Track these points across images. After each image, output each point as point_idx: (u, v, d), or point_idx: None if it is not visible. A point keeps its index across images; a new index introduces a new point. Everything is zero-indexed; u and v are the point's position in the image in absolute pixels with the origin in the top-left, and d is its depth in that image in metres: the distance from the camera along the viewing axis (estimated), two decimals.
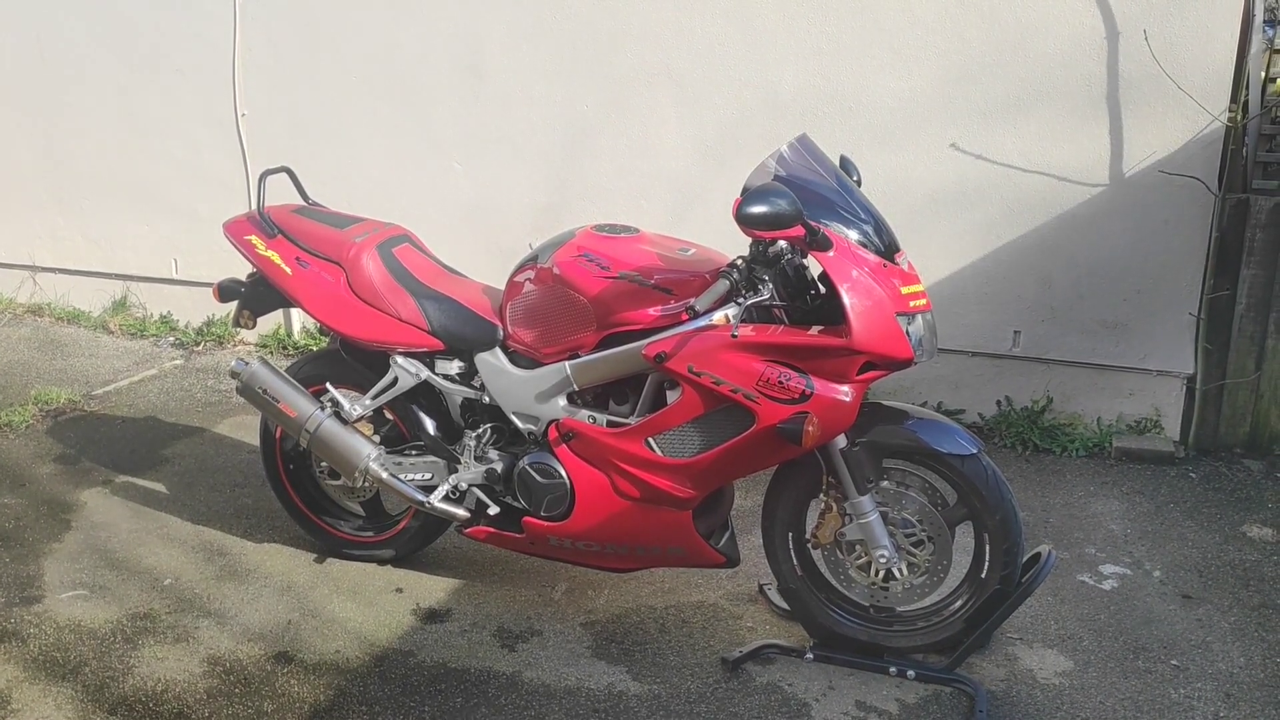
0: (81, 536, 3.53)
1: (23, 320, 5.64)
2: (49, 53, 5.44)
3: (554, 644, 2.96)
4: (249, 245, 3.18)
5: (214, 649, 2.93)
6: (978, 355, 4.31)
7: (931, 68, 4.11)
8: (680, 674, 2.83)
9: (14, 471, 3.98)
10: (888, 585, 2.81)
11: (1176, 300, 4.03)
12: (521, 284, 2.93)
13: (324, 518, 3.41)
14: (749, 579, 3.22)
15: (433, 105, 4.84)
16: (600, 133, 4.61)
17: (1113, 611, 3.11)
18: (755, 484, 3.35)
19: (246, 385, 3.20)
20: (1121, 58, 3.90)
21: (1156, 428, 4.15)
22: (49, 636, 2.98)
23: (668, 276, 2.73)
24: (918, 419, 2.77)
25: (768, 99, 4.33)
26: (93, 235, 5.61)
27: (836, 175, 2.70)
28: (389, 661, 2.89)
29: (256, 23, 5.01)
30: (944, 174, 4.18)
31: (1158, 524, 3.61)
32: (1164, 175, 3.92)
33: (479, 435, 3.05)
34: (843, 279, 2.50)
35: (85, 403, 4.64)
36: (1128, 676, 2.82)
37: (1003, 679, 2.80)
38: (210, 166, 5.24)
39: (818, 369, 2.56)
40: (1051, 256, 4.14)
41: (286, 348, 5.18)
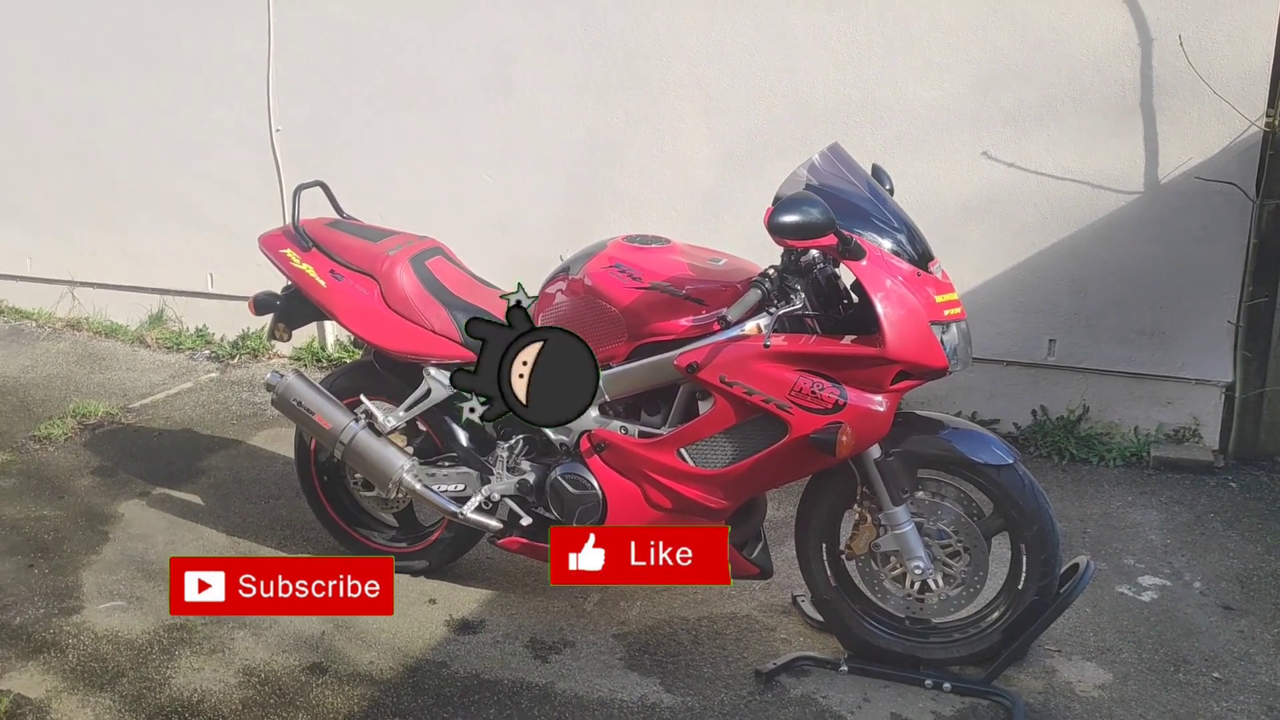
0: (119, 548, 3.56)
1: (62, 334, 5.72)
2: (88, 72, 5.52)
3: (587, 655, 2.96)
4: (284, 258, 3.21)
5: (249, 660, 2.95)
6: (1012, 364, 4.27)
7: (963, 75, 4.09)
8: (714, 686, 2.82)
9: (53, 483, 4.03)
10: (923, 597, 2.78)
11: (1214, 307, 3.98)
12: (553, 295, 2.94)
13: (358, 529, 3.42)
14: (782, 590, 3.20)
15: (463, 119, 4.87)
16: (629, 144, 4.62)
17: (1152, 623, 3.06)
18: (788, 495, 3.33)
19: (281, 397, 3.22)
20: (1156, 63, 3.86)
21: (1195, 437, 4.09)
22: (87, 647, 3.01)
23: (699, 287, 2.73)
24: (953, 428, 2.75)
25: (798, 108, 4.32)
26: (130, 250, 5.68)
27: (869, 183, 2.69)
28: (422, 672, 2.89)
29: (290, 40, 5.07)
30: (976, 182, 4.15)
31: (1197, 534, 3.56)
32: (1200, 181, 3.87)
33: (511, 446, 3.06)
34: (876, 288, 2.49)
35: (123, 415, 4.69)
36: (1168, 689, 2.77)
37: (1041, 691, 2.77)
38: (245, 182, 5.30)
39: (851, 379, 2.54)
40: (1086, 264, 4.09)
41: (321, 361, 5.22)
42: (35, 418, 4.61)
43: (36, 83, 5.66)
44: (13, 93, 5.74)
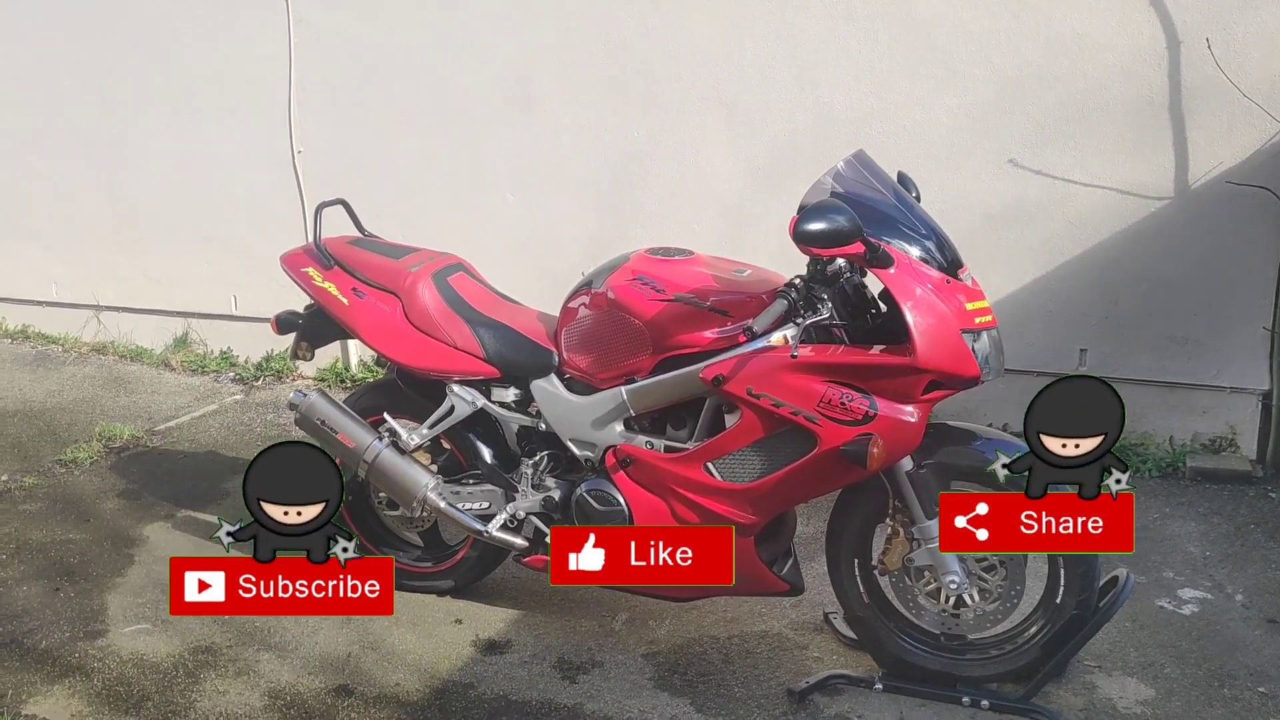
0: (144, 570, 3.55)
1: (87, 359, 5.74)
2: (111, 96, 5.56)
3: (615, 675, 2.91)
4: (306, 277, 3.20)
5: (275, 682, 2.92)
6: (1043, 375, 4.18)
7: (987, 84, 4.05)
8: (746, 706, 2.76)
9: (79, 507, 4.03)
10: (959, 612, 2.72)
11: (1249, 314, 3.91)
12: (576, 309, 2.91)
13: (383, 549, 3.40)
14: (814, 607, 3.14)
15: (484, 137, 4.87)
16: (651, 159, 4.60)
17: (1194, 637, 2.99)
18: (818, 510, 3.28)
19: (305, 416, 3.21)
20: (1184, 67, 3.81)
21: (1232, 446, 4.02)
22: (113, 671, 2.99)
23: (724, 298, 2.69)
24: (986, 439, 2.70)
25: (820, 120, 4.29)
26: (154, 274, 5.71)
27: (895, 191, 2.65)
28: (449, 694, 2.86)
29: (311, 62, 5.09)
30: (1003, 191, 4.11)
31: (1238, 546, 3.48)
32: (1232, 186, 3.82)
33: (536, 463, 3.03)
34: (905, 296, 2.45)
35: (148, 439, 4.69)
36: (1213, 705, 2.70)
37: (1081, 708, 2.70)
38: (267, 203, 5.31)
39: (881, 389, 2.50)
40: (1117, 272, 4.04)
41: (344, 381, 5.22)
42: (61, 442, 4.62)
43: (60, 108, 5.71)
44: (37, 118, 5.79)
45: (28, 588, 3.44)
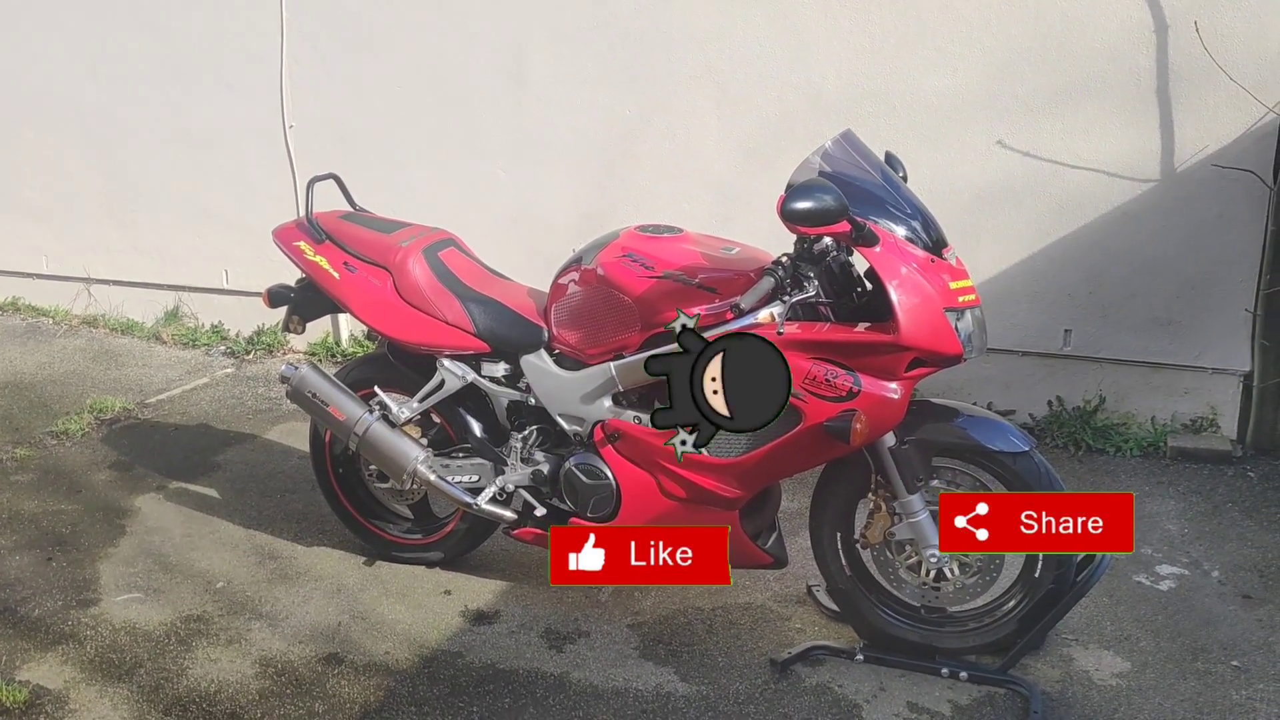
0: (136, 541, 3.58)
1: (78, 331, 5.75)
2: (102, 69, 5.54)
3: (601, 645, 2.96)
4: (297, 250, 3.22)
5: (266, 650, 2.96)
6: (1028, 355, 4.25)
7: (976, 64, 4.07)
8: (728, 675, 2.81)
9: (71, 478, 4.05)
10: (939, 585, 2.78)
11: (1232, 296, 3.95)
12: (566, 285, 2.94)
13: (373, 521, 3.43)
14: (797, 580, 3.19)
15: (476, 113, 4.87)
16: (642, 136, 4.61)
17: (1170, 612, 3.05)
18: (802, 484, 3.32)
19: (296, 389, 3.23)
20: (1171, 50, 3.83)
21: (1213, 426, 4.07)
22: (105, 638, 3.03)
23: (712, 275, 2.72)
24: (968, 416, 2.75)
25: (811, 99, 4.31)
26: (145, 247, 5.71)
27: (882, 170, 2.68)
28: (438, 662, 2.90)
29: (303, 37, 5.08)
30: (990, 171, 4.13)
31: (1215, 524, 3.53)
32: (1217, 169, 3.85)
33: (525, 437, 3.06)
34: (890, 274, 2.48)
35: (139, 411, 4.71)
36: (1187, 678, 2.76)
37: (1058, 680, 2.76)
38: (259, 178, 5.31)
39: (865, 366, 2.54)
40: (1102, 253, 4.07)
41: (335, 355, 5.23)
42: (53, 414, 4.64)
43: (51, 81, 5.69)
44: (28, 91, 5.77)
45: (20, 557, 3.47)
